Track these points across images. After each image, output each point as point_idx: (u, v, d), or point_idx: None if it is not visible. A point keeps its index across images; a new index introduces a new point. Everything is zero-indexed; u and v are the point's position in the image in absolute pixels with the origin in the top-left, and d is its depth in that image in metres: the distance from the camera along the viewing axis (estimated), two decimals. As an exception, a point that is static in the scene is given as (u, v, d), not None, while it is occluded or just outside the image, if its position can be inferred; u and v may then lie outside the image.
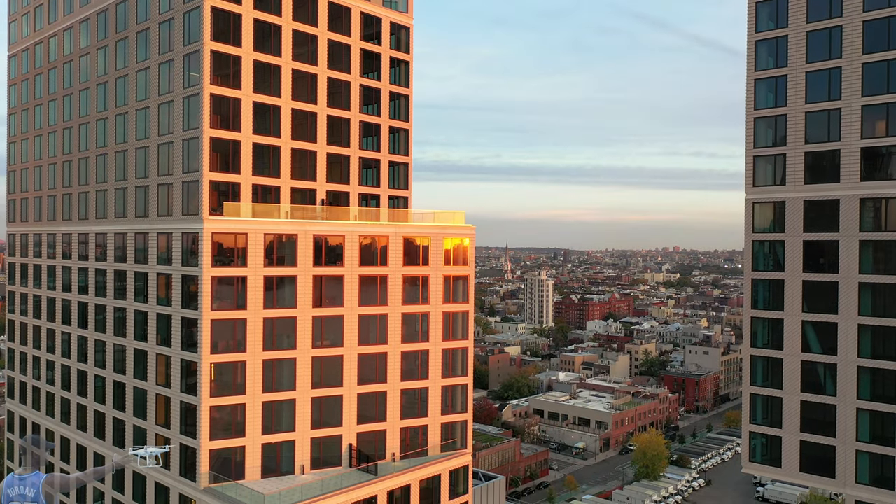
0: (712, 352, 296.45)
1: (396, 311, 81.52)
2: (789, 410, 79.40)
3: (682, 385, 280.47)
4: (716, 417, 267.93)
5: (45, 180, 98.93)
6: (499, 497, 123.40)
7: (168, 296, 76.69)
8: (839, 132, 75.78)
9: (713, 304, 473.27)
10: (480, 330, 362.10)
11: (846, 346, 75.59)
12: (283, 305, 75.41)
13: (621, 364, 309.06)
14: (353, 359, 79.23)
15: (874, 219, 74.23)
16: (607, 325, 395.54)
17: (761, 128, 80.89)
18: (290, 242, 75.43)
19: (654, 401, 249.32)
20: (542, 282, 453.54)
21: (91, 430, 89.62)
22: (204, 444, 72.18)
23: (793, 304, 78.84)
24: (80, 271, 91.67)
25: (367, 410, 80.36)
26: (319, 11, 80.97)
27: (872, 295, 74.37)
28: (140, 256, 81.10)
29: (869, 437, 74.90)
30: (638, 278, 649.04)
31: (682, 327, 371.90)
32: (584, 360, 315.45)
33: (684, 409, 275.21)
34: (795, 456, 79.19)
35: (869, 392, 74.83)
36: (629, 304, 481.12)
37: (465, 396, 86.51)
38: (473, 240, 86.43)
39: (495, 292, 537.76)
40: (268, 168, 77.41)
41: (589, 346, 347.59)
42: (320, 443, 77.58)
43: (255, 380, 73.94)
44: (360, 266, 79.43)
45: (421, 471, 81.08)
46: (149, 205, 79.71)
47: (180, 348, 74.84)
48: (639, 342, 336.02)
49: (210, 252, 71.72)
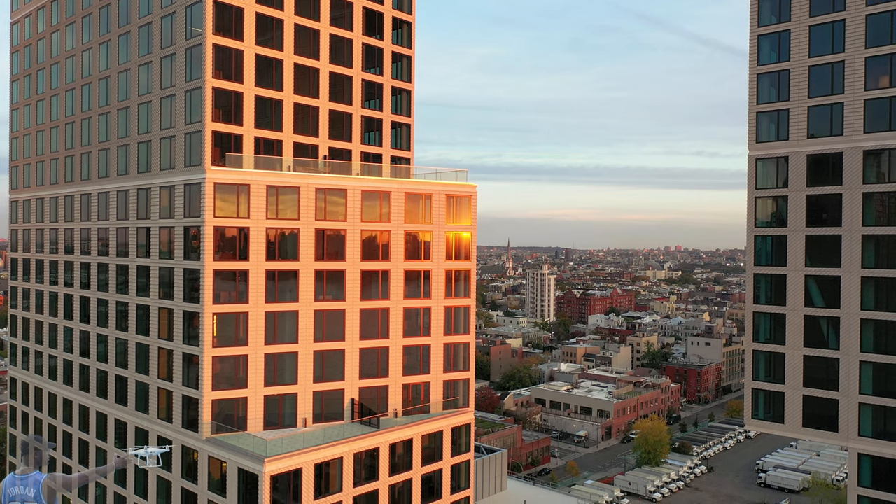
0: (714, 343, 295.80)
1: (399, 266, 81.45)
2: (792, 366, 79.21)
3: (685, 376, 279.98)
4: (718, 408, 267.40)
5: (48, 144, 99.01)
6: (501, 469, 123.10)
7: (170, 249, 76.65)
8: (842, 85, 75.69)
9: (715, 300, 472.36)
10: (482, 323, 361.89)
11: (849, 300, 75.42)
12: (285, 258, 75.31)
13: (623, 355, 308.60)
14: (356, 314, 79.11)
15: (877, 171, 74.09)
16: (609, 319, 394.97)
17: (764, 84, 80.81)
18: (293, 195, 75.35)
19: (656, 390, 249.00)
20: (544, 276, 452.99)
21: (93, 391, 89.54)
22: (206, 395, 72.09)
23: (796, 260, 78.69)
24: (82, 232, 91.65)
25: (369, 366, 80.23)
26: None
27: (876, 247, 74.20)
28: (142, 212, 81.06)
29: (872, 390, 74.69)
30: (640, 275, 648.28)
31: (684, 321, 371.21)
32: (585, 351, 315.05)
33: (686, 399, 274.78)
34: (798, 412, 79.00)
35: (872, 345, 74.63)
36: (631, 299, 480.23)
37: (467, 354, 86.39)
38: (475, 198, 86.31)
39: (497, 288, 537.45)
40: (270, 122, 77.42)
41: (591, 338, 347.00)
42: (322, 396, 77.47)
43: (257, 332, 73.84)
44: (363, 221, 79.30)
45: (423, 426, 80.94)
46: (151, 160, 79.70)
47: (182, 300, 74.76)
48: (641, 335, 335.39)
49: (212, 203, 71.65)
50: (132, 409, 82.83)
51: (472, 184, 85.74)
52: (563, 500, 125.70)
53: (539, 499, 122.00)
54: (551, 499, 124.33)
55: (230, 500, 70.10)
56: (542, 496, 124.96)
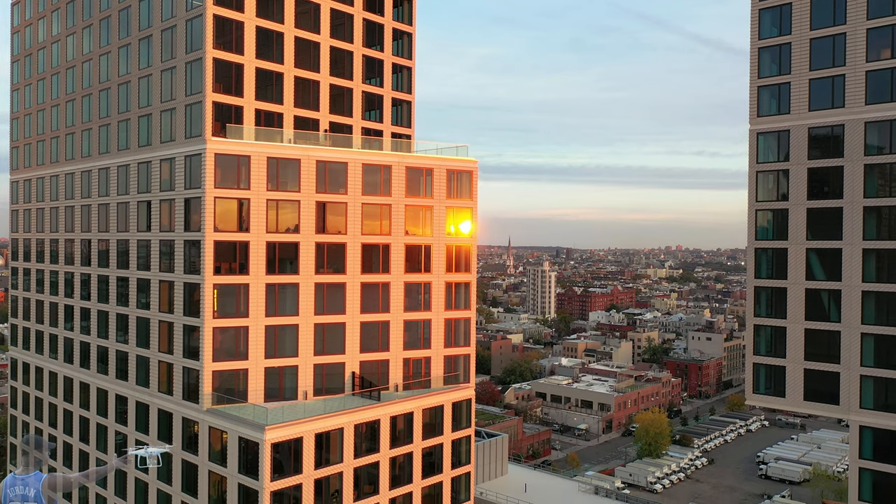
0: (715, 338, 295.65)
1: (399, 242, 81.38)
2: (793, 340, 79.12)
3: (685, 370, 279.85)
4: (719, 403, 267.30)
5: (48, 122, 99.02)
6: (502, 454, 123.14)
7: (170, 222, 76.59)
8: (844, 57, 75.64)
9: (716, 297, 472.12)
10: (483, 319, 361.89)
11: (851, 272, 75.34)
12: (286, 231, 75.21)
13: (624, 350, 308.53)
14: (357, 287, 79.01)
15: (879, 142, 74.01)
16: (610, 316, 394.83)
17: (765, 58, 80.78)
18: (293, 167, 75.27)
19: (657, 384, 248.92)
20: (545, 273, 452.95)
21: (94, 367, 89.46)
22: (207, 366, 72.00)
23: (797, 233, 78.62)
24: (83, 210, 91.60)
25: (369, 340, 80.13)
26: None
27: (877, 219, 74.14)
28: (143, 186, 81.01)
29: (873, 362, 74.60)
30: (640, 274, 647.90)
31: (685, 317, 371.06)
32: (586, 346, 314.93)
33: (687, 394, 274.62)
34: (799, 385, 78.90)
35: (874, 317, 74.54)
36: (632, 296, 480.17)
37: (467, 330, 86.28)
38: (476, 174, 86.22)
39: (498, 286, 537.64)
40: (270, 94, 77.40)
41: (591, 334, 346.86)
42: (323, 370, 77.36)
43: (258, 304, 73.75)
44: (363, 195, 79.20)
45: (423, 400, 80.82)
46: (151, 133, 79.65)
47: (183, 272, 74.68)
48: (641, 331, 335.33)
49: (212, 175, 71.58)
50: (133, 384, 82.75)
51: (473, 159, 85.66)
52: (563, 484, 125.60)
53: (539, 483, 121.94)
54: (552, 483, 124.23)
55: (230, 469, 70.00)
56: (543, 481, 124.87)
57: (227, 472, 70.42)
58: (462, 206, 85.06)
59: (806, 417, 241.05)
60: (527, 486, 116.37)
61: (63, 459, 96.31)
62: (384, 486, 76.68)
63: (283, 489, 68.58)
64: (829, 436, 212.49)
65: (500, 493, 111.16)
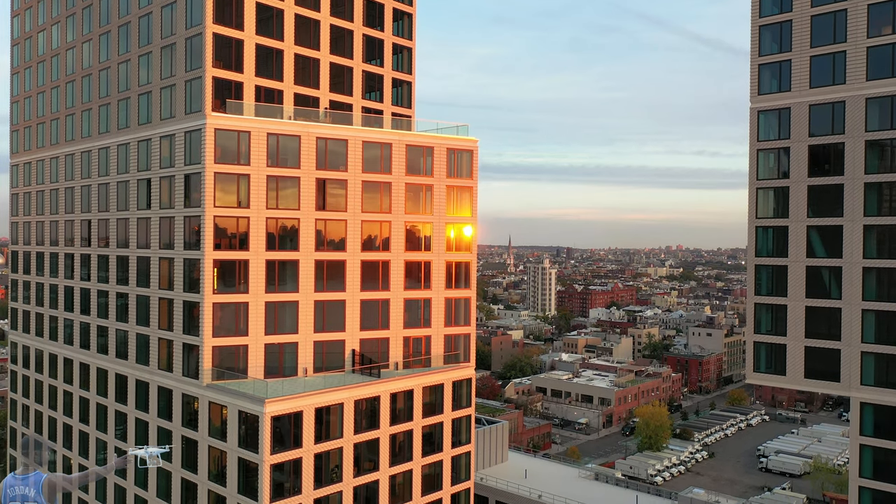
0: (716, 333, 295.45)
1: (399, 219, 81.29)
2: (794, 317, 78.98)
3: (686, 366, 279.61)
4: (719, 398, 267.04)
5: (48, 104, 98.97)
6: (502, 440, 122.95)
7: (170, 199, 76.52)
8: (845, 33, 75.54)
9: (717, 294, 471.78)
10: (483, 316, 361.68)
11: (851, 248, 75.21)
12: (286, 208, 75.12)
13: (624, 346, 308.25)
14: (357, 265, 78.91)
15: (880, 117, 73.90)
16: (610, 313, 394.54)
17: (766, 36, 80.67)
18: (293, 143, 75.17)
19: (658, 379, 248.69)
20: (545, 270, 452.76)
21: (94, 347, 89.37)
22: (207, 341, 71.89)
23: (798, 211, 78.51)
24: (83, 190, 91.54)
25: (370, 318, 80.00)
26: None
27: (878, 194, 74.02)
28: (143, 164, 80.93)
29: (874, 338, 74.46)
30: (641, 272, 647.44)
31: (685, 314, 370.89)
32: (587, 342, 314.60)
33: (687, 389, 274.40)
34: (800, 363, 78.75)
35: (875, 293, 74.41)
36: (632, 294, 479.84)
37: (467, 309, 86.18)
38: (476, 154, 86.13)
39: (498, 284, 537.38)
40: (271, 71, 77.33)
41: (592, 330, 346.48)
42: (323, 347, 77.25)
43: (257, 280, 73.64)
44: (364, 173, 79.12)
45: (424, 378, 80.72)
46: (151, 110, 79.57)
47: (183, 248, 74.59)
48: (642, 327, 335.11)
49: (212, 150, 71.49)
50: (132, 363, 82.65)
51: (474, 138, 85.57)
52: (563, 470, 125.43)
53: (540, 470, 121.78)
54: (552, 470, 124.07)
55: (230, 443, 69.89)
56: (543, 468, 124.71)
57: (227, 447, 70.31)
58: (462, 185, 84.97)
59: (807, 412, 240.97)
60: (527, 472, 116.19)
61: (63, 441, 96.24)
62: (384, 463, 76.56)
63: (283, 462, 68.46)
64: (829, 430, 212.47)
65: (501, 479, 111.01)
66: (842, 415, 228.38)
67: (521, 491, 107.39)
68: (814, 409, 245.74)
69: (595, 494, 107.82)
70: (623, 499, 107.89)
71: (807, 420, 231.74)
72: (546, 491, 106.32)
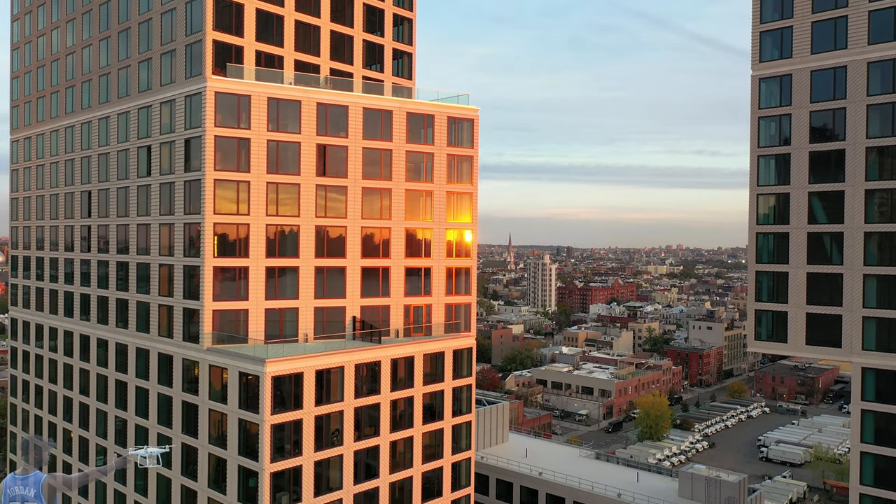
0: (716, 327, 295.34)
1: (400, 186, 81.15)
2: (795, 284, 78.86)
3: (686, 359, 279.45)
4: (719, 391, 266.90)
5: (48, 78, 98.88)
6: (503, 420, 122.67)
7: (171, 165, 76.38)
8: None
9: (717, 291, 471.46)
10: (483, 312, 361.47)
11: (853, 213, 75.10)
12: (286, 171, 74.98)
13: (625, 340, 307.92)
14: (357, 232, 78.76)
15: (882, 81, 73.80)
16: (610, 308, 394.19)
17: (767, 3, 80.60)
18: (294, 109, 75.05)
19: (658, 371, 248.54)
20: (546, 266, 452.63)
21: (94, 318, 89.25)
22: (207, 305, 71.72)
23: (799, 177, 78.41)
24: (82, 162, 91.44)
25: (370, 285, 79.85)
26: None
27: (879, 159, 73.95)
28: (143, 132, 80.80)
29: (876, 303, 74.34)
30: (641, 270, 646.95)
31: (685, 309, 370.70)
32: (587, 336, 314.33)
33: (688, 382, 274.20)
34: (801, 330, 78.60)
35: (876, 258, 74.29)
36: (633, 290, 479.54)
37: (468, 279, 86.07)
38: (478, 123, 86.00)
39: (498, 281, 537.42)
40: (271, 36, 77.19)
41: (592, 325, 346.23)
42: (324, 313, 77.07)
43: (258, 244, 73.46)
44: (364, 139, 79.02)
45: (424, 345, 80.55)
46: (152, 77, 79.46)
47: (183, 213, 74.45)
48: (642, 321, 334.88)
49: (213, 113, 71.33)
50: (133, 331, 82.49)
51: (474, 107, 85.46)
52: (564, 450, 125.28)
53: (541, 450, 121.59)
54: (553, 450, 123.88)
55: (231, 405, 69.71)
56: (544, 448, 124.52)
57: (227, 409, 70.15)
58: (463, 154, 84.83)
59: (807, 404, 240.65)
60: (528, 451, 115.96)
61: (63, 414, 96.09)
62: (385, 428, 76.38)
63: (284, 423, 68.29)
64: (829, 420, 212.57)
65: (502, 457, 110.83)
66: (842, 407, 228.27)
67: (522, 469, 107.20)
68: (814, 401, 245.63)
69: (596, 472, 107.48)
70: (624, 476, 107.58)
71: (807, 412, 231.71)
72: (547, 468, 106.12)
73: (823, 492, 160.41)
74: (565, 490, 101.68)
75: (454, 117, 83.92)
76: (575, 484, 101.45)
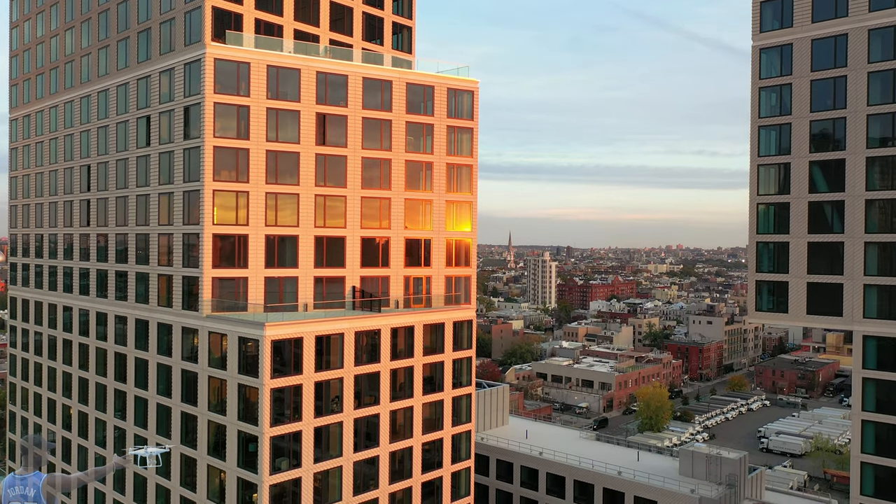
0: (716, 321, 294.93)
1: (400, 157, 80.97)
2: (796, 254, 78.67)
3: (686, 353, 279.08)
4: (719, 385, 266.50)
5: (47, 55, 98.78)
6: (503, 403, 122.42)
7: (170, 134, 76.20)
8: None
9: (717, 288, 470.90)
10: (483, 308, 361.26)
11: (854, 181, 74.93)
12: (286, 140, 74.76)
13: (625, 335, 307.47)
14: (357, 201, 78.57)
15: (883, 48, 73.67)
16: (610, 305, 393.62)
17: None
18: (293, 77, 74.86)
19: (658, 365, 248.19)
20: (546, 263, 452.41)
21: (93, 292, 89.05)
22: (207, 272, 71.47)
23: (800, 147, 78.24)
24: (81, 136, 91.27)
25: (370, 256, 79.66)
26: None
27: (881, 126, 73.78)
28: (142, 102, 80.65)
29: (877, 270, 74.14)
30: (641, 269, 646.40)
31: (685, 306, 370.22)
32: (587, 331, 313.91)
33: (688, 377, 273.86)
34: (802, 299, 78.41)
35: (877, 225, 74.11)
36: (633, 287, 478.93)
37: (468, 251, 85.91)
38: (478, 95, 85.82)
39: (498, 278, 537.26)
40: (270, 4, 77.05)
41: (592, 321, 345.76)
42: (323, 282, 76.85)
43: (257, 213, 73.25)
44: (363, 109, 78.82)
45: (424, 315, 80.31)
46: (151, 47, 79.30)
47: (183, 181, 74.27)
48: (642, 317, 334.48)
49: (212, 80, 71.13)
50: (132, 303, 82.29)
51: (475, 79, 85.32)
52: (564, 432, 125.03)
53: (541, 431, 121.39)
54: (553, 431, 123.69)
55: (230, 371, 69.46)
56: (544, 429, 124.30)
57: (226, 375, 69.90)
58: (463, 126, 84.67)
59: (807, 397, 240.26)
60: (528, 432, 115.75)
61: (62, 390, 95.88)
62: (385, 397, 76.14)
63: (284, 387, 68.05)
64: (830, 412, 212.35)
65: (502, 438, 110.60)
66: (842, 400, 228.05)
67: (522, 449, 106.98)
68: (814, 395, 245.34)
69: (597, 452, 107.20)
70: (625, 456, 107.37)
71: (807, 405, 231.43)
72: (547, 448, 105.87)
73: (824, 481, 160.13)
74: (566, 469, 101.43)
75: (454, 89, 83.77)
76: (575, 462, 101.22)
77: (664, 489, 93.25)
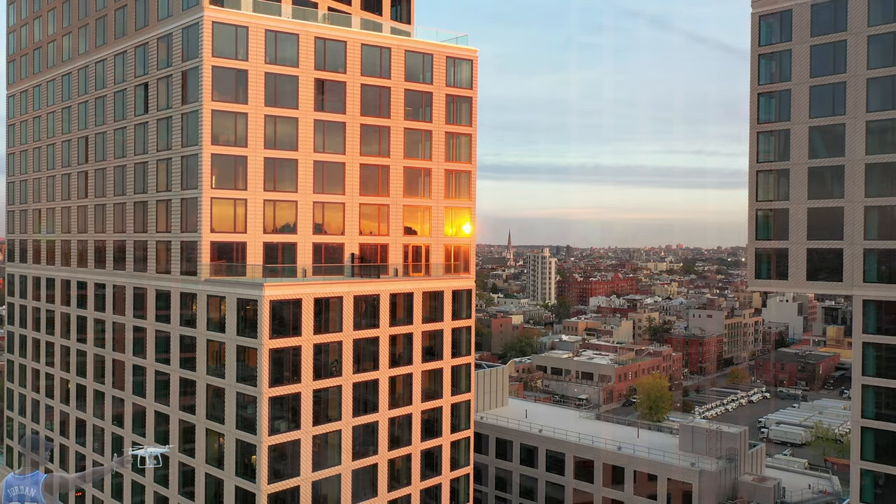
0: (716, 315, 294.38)
1: (399, 125, 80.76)
2: (796, 220, 78.44)
3: (686, 346, 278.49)
4: (719, 379, 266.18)
5: (44, 28, 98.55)
6: (502, 384, 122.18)
7: (168, 99, 75.98)
8: (845, -70, 75.26)
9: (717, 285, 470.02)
10: (483, 304, 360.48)
11: (854, 146, 74.73)
12: (284, 105, 74.53)
13: (625, 329, 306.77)
14: (356, 168, 78.32)
15: (883, 12, 73.48)
16: (610, 300, 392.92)
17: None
18: (292, 42, 74.64)
19: (658, 358, 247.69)
20: (546, 259, 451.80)
21: (91, 264, 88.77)
22: (205, 237, 71.21)
23: (799, 112, 78.04)
24: (79, 108, 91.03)
25: (369, 222, 79.42)
26: None
27: (881, 90, 73.60)
28: (140, 70, 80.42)
29: (877, 234, 73.94)
30: (641, 266, 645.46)
31: (685, 301, 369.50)
32: (587, 325, 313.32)
33: (688, 370, 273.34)
34: (802, 265, 78.17)
35: (877, 189, 73.91)
36: (633, 284, 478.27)
37: (468, 220, 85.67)
38: (476, 63, 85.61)
39: (498, 276, 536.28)
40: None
41: (592, 316, 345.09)
42: (322, 248, 76.58)
43: (256, 178, 73.03)
44: (362, 76, 78.61)
45: (424, 282, 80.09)
46: (149, 12, 79.05)
47: (181, 146, 74.03)
48: (642, 311, 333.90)
49: (210, 43, 70.89)
50: (130, 272, 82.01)
51: (474, 48, 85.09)
52: (564, 412, 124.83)
53: (541, 411, 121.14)
54: (553, 412, 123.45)
55: (229, 333, 69.18)
56: (544, 409, 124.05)
57: (225, 338, 69.61)
58: (462, 94, 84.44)
59: (808, 390, 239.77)
60: (527, 412, 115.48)
61: (60, 364, 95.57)
62: (384, 363, 75.85)
63: (282, 349, 67.74)
64: (830, 404, 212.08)
65: (501, 416, 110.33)
66: (843, 392, 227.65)
67: (522, 427, 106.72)
68: (815, 387, 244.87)
69: (597, 430, 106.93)
70: (625, 433, 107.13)
71: (808, 397, 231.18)
72: (547, 425, 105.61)
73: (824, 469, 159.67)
74: (565, 445, 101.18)
75: (453, 57, 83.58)
76: (575, 439, 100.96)
77: (664, 463, 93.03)
